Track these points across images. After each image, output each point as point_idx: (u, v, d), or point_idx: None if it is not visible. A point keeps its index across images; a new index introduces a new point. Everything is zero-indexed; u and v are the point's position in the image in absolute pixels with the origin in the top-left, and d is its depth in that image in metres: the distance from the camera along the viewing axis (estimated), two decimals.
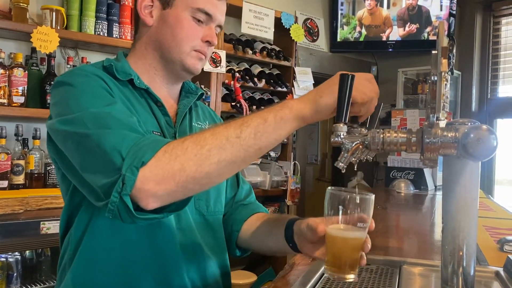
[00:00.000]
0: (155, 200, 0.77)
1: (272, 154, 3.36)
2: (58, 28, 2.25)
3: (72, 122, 0.86)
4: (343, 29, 4.06)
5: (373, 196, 0.80)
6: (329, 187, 0.81)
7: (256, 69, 3.24)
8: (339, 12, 4.04)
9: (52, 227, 1.91)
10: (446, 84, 0.69)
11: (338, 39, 4.08)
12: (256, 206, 1.22)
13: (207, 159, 0.77)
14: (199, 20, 1.03)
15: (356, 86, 0.78)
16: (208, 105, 2.82)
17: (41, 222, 1.90)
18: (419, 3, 3.91)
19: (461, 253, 0.71)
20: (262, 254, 1.46)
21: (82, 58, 2.46)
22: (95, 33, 2.38)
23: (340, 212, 0.79)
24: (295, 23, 3.38)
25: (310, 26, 3.96)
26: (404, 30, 3.95)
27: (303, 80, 3.41)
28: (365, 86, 0.82)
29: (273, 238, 1.04)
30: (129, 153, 0.78)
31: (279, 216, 1.09)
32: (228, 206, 1.20)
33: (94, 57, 2.55)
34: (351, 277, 0.82)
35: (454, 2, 3.86)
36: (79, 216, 0.98)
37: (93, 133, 0.82)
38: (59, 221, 1.05)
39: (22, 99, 2.13)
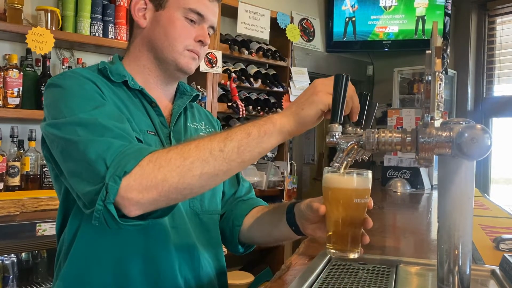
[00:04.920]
0: (138, 208, 0.79)
1: (269, 154, 3.36)
2: (53, 29, 2.24)
3: (60, 126, 0.87)
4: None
5: (370, 173, 0.81)
6: (326, 167, 0.82)
7: (252, 69, 3.24)
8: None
9: (48, 229, 1.90)
10: (440, 84, 0.69)
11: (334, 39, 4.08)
12: (256, 201, 1.23)
13: (190, 171, 0.78)
14: (191, 20, 1.05)
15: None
16: (204, 105, 2.81)
17: (37, 224, 1.89)
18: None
19: (457, 252, 0.71)
20: (265, 245, 1.46)
21: (78, 59, 2.45)
22: (90, 34, 2.37)
23: None
24: (290, 23, 3.38)
25: (306, 26, 3.96)
26: (400, 29, 3.96)
27: (299, 80, 3.41)
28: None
29: (275, 224, 1.05)
30: (113, 162, 0.79)
31: (278, 204, 1.11)
32: (228, 204, 1.21)
33: (90, 58, 2.55)
34: (353, 255, 0.82)
35: (449, 1, 3.87)
36: (72, 215, 0.99)
37: (79, 140, 0.83)
38: (55, 222, 1.06)
39: (17, 101, 2.12)
